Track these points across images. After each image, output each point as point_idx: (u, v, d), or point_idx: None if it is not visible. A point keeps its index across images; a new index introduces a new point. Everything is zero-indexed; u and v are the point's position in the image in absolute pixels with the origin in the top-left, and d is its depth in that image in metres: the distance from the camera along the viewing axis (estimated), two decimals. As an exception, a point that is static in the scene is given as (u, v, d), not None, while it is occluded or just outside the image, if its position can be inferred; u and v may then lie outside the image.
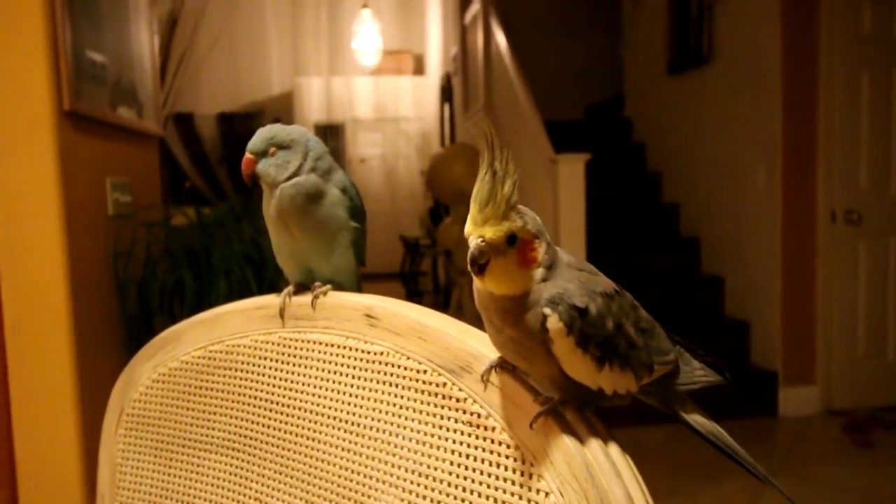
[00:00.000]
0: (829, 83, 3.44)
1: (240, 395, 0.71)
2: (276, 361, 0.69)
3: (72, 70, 1.59)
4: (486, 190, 0.46)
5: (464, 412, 0.56)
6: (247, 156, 0.68)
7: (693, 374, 0.56)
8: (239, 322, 0.72)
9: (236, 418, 0.71)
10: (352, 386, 0.63)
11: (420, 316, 0.61)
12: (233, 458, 0.71)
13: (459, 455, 0.55)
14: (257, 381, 0.70)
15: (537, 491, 0.51)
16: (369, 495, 0.60)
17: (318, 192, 0.68)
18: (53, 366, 1.58)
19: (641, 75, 4.97)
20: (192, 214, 2.05)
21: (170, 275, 1.94)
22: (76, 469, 1.61)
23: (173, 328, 0.76)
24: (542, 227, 0.49)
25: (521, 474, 0.52)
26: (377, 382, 0.61)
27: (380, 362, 0.62)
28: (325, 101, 7.63)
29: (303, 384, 0.66)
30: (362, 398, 0.62)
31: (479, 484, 0.54)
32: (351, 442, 0.62)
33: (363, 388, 0.62)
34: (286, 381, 0.68)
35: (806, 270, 3.52)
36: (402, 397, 0.60)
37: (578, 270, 0.50)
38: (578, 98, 5.70)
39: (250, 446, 0.70)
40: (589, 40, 5.76)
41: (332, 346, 0.65)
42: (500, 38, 4.40)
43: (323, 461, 0.64)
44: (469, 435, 0.55)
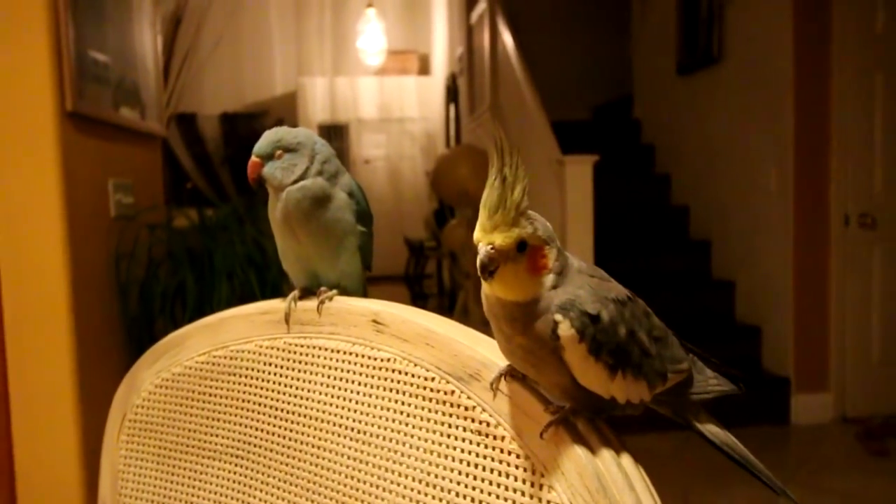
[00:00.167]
0: (842, 84, 3.39)
1: (244, 401, 0.70)
2: (281, 367, 0.68)
3: (74, 70, 1.59)
4: (495, 196, 0.45)
5: (472, 421, 0.55)
6: (253, 159, 0.67)
7: (707, 383, 0.55)
8: (243, 327, 0.71)
9: (240, 425, 0.70)
10: (358, 393, 0.62)
11: (428, 322, 0.60)
12: (237, 465, 0.70)
13: (468, 465, 0.54)
14: (262, 388, 0.69)
15: (547, 502, 0.50)
16: (375, 505, 0.59)
17: (324, 195, 0.67)
18: (54, 368, 1.58)
19: (650, 76, 4.94)
20: (195, 216, 2.05)
21: (172, 277, 1.93)
22: (77, 475, 1.60)
23: (177, 333, 0.76)
24: (553, 233, 0.48)
25: (531, 485, 0.51)
26: (384, 389, 0.60)
27: (387, 369, 0.61)
28: (328, 101, 7.62)
29: (308, 391, 0.65)
30: (369, 405, 0.61)
31: (488, 494, 0.53)
32: (357, 450, 0.61)
33: (370, 396, 0.61)
34: (291, 387, 0.67)
35: (819, 275, 3.47)
36: (409, 405, 0.59)
37: (590, 276, 0.50)
38: (586, 98, 5.68)
39: (254, 454, 0.69)
40: (597, 40, 5.73)
41: (338, 352, 0.64)
42: (507, 37, 4.38)
43: (328, 469, 0.63)
44: (478, 444, 0.54)
